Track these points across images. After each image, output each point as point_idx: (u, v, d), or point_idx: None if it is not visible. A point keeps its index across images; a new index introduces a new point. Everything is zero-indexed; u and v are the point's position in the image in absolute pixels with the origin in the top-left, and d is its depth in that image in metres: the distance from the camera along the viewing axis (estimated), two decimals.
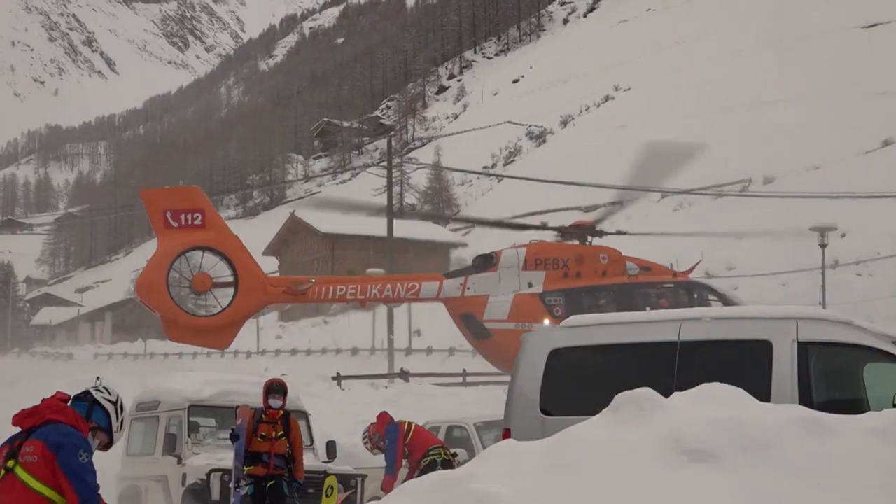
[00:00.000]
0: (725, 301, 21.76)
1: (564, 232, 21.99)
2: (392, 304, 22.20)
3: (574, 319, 12.62)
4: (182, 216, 19.33)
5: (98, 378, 7.18)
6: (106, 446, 6.83)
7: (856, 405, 9.13)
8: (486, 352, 21.69)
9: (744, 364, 10.02)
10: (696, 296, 21.79)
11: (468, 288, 20.76)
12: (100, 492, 6.39)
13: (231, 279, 19.70)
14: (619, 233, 23.45)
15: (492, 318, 20.53)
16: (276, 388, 14.84)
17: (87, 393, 6.76)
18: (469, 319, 20.70)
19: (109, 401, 6.80)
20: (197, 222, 19.20)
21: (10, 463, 6.22)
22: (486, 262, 20.99)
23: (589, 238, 21.83)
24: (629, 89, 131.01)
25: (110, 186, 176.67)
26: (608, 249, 21.16)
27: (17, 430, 6.49)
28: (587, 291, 20.10)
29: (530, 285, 20.26)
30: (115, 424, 6.78)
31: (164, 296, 19.33)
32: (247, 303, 20.02)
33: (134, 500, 19.16)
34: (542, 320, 19.45)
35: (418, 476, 12.89)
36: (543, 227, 22.37)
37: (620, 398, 7.97)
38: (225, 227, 20.76)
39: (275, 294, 21.24)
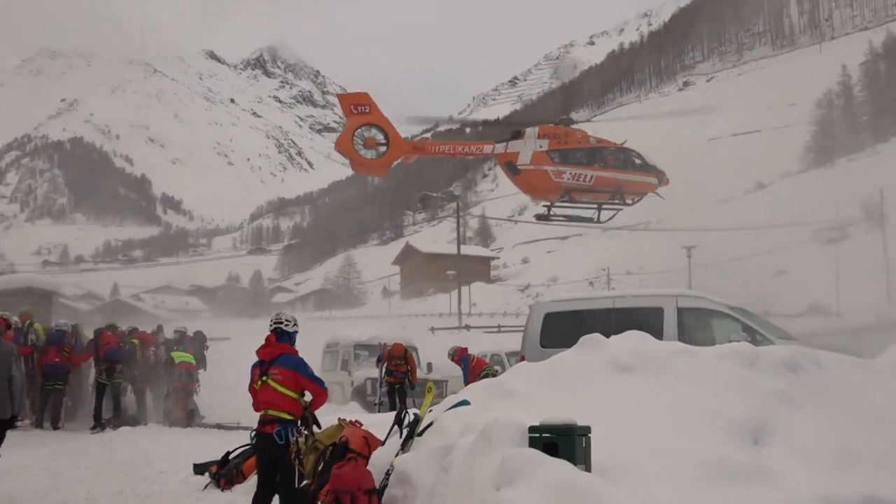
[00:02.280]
0: (644, 161, 26.90)
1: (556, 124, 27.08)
2: (469, 156, 27.30)
3: (557, 297, 19.94)
4: (359, 107, 25.23)
5: (278, 314, 10.31)
6: None
7: (707, 342, 12.60)
8: (518, 182, 26.71)
9: (649, 320, 14.16)
10: (629, 156, 26.77)
11: (507, 146, 26.12)
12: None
13: (384, 140, 25.01)
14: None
15: (521, 163, 25.84)
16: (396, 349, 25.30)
17: (278, 326, 9.89)
18: (509, 165, 26.24)
19: (288, 322, 9.99)
20: (366, 111, 25.06)
21: (265, 378, 9.53)
22: (518, 134, 26.18)
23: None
24: None
25: (312, 230, 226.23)
26: (580, 129, 26.27)
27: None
28: (569, 150, 25.76)
29: (541, 147, 25.57)
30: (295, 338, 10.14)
31: (350, 147, 24.99)
32: (393, 153, 25.44)
33: None
34: (546, 163, 25.78)
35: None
36: (539, 123, 27.00)
37: (583, 339, 11.59)
38: (381, 113, 25.70)
39: (408, 148, 26.27)
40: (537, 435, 8.82)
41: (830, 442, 9.12)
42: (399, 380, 26.78)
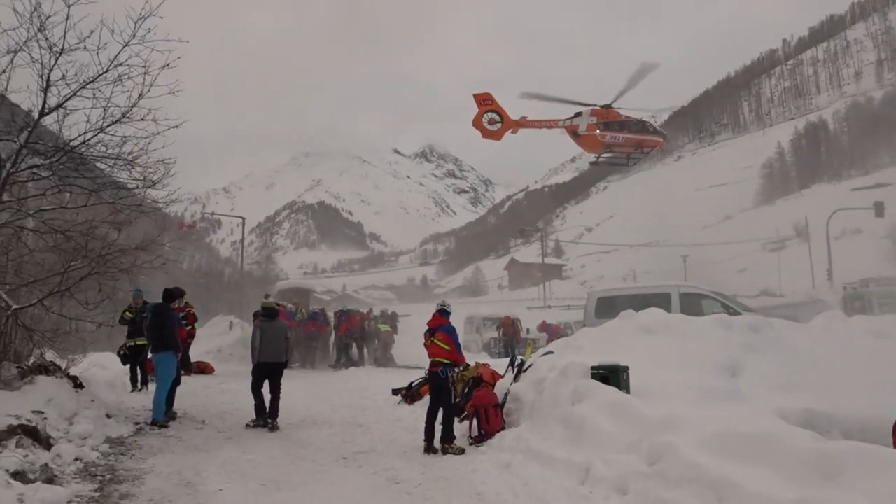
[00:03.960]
0: (654, 128, 25.92)
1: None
2: (550, 128, 26.15)
3: (604, 288, 19.72)
4: (484, 101, 24.75)
5: (441, 301, 10.25)
6: None
7: (699, 314, 12.49)
8: (578, 142, 25.97)
9: (661, 301, 13.62)
10: (645, 125, 25.68)
11: (572, 121, 25.24)
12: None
13: (499, 119, 24.42)
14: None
15: (580, 131, 25.05)
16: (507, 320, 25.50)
17: (442, 308, 9.91)
18: (573, 133, 25.34)
19: (447, 305, 10.00)
20: (488, 103, 24.64)
21: (432, 339, 9.63)
22: (577, 114, 25.22)
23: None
24: None
25: (455, 250, 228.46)
26: (615, 110, 25.13)
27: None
28: (609, 122, 24.84)
29: (592, 121, 24.72)
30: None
31: (480, 124, 24.42)
32: (505, 127, 24.84)
33: None
34: (595, 130, 24.79)
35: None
36: (589, 104, 25.95)
37: (622, 313, 11.55)
38: (497, 103, 25.35)
39: (513, 124, 25.22)
40: (596, 371, 8.87)
41: (781, 375, 8.94)
42: (510, 338, 26.68)
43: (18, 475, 6.02)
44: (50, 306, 9.64)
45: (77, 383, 9.99)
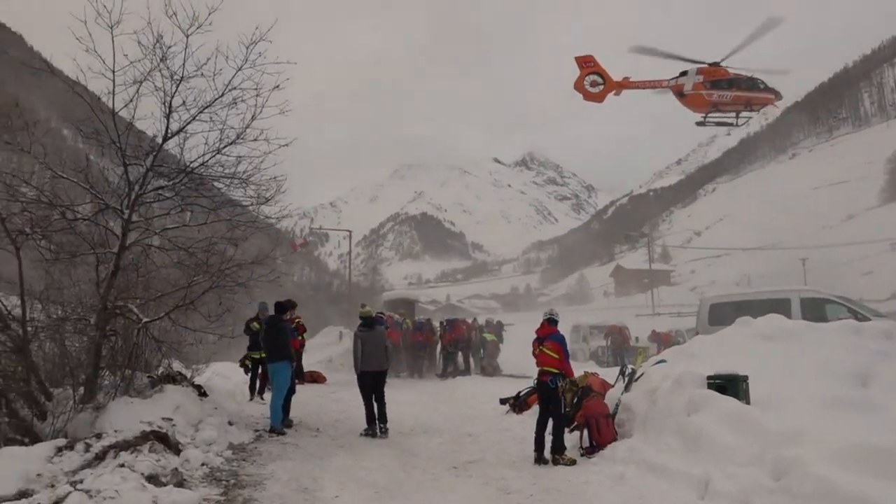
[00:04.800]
0: (765, 85, 23.95)
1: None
2: (654, 88, 24.68)
3: (718, 293, 18.28)
4: (586, 63, 23.88)
5: (550, 309, 10.03)
6: None
7: (822, 321, 11.47)
8: (684, 102, 24.40)
9: (781, 307, 12.72)
10: (755, 82, 23.77)
11: (677, 81, 23.88)
12: None
13: (601, 81, 23.52)
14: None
15: (686, 90, 23.66)
16: (613, 328, 21.79)
17: (550, 317, 9.69)
18: (678, 93, 23.91)
19: (555, 314, 9.74)
20: (591, 65, 23.88)
21: (541, 348, 9.47)
22: (683, 73, 23.78)
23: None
24: None
25: (558, 258, 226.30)
26: (723, 68, 23.52)
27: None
28: (716, 80, 23.26)
29: (698, 80, 23.30)
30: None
31: (582, 87, 23.46)
32: (607, 88, 23.87)
33: None
34: (701, 89, 23.35)
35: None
36: (700, 62, 24.20)
37: (739, 319, 10.99)
38: (599, 65, 24.45)
39: (615, 85, 23.57)
40: (712, 381, 8.53)
41: None
42: (618, 347, 26.10)
43: (152, 478, 6.40)
44: (175, 319, 10.20)
45: (201, 392, 10.54)
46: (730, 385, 8.28)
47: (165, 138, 10.20)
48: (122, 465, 6.44)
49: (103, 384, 9.53)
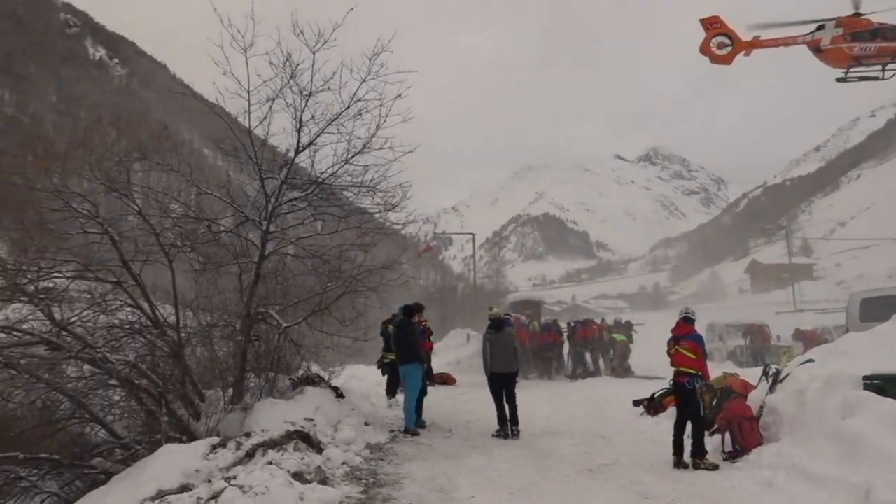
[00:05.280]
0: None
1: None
2: (786, 46, 22.47)
3: (871, 288, 16.92)
4: (712, 24, 22.00)
5: (685, 308, 9.53)
6: None
7: None
8: (821, 58, 22.03)
9: None
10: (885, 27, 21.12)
11: (814, 36, 21.67)
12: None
13: (730, 42, 21.84)
14: None
15: (823, 45, 21.43)
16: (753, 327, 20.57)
17: (686, 315, 9.23)
18: (814, 48, 21.66)
19: (692, 313, 9.32)
20: (717, 26, 22.22)
21: (677, 347, 9.08)
22: (820, 27, 21.61)
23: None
24: None
25: (688, 255, 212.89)
26: (865, 18, 21.03)
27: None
28: (857, 32, 20.87)
29: (837, 32, 21.03)
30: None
31: (708, 49, 21.96)
32: (736, 49, 22.24)
33: None
34: (841, 42, 21.19)
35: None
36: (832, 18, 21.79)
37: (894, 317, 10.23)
38: (727, 25, 22.75)
39: (745, 45, 22.20)
40: (869, 381, 7.92)
41: None
42: (758, 346, 24.76)
43: (297, 476, 6.72)
44: (312, 324, 10.65)
45: (338, 393, 10.96)
46: (889, 386, 7.65)
47: (297, 151, 10.70)
48: (270, 463, 6.80)
49: (249, 386, 10.12)
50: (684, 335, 9.19)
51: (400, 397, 12.58)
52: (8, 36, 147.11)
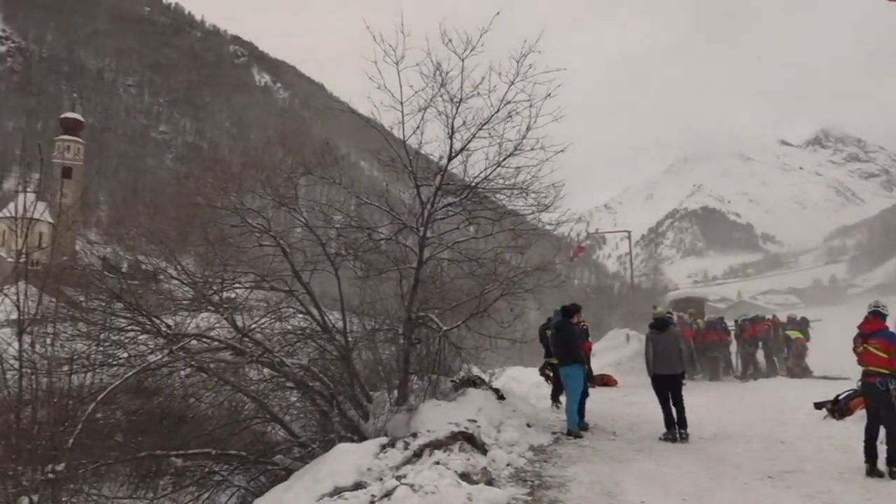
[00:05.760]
0: None
1: None
2: None
3: None
4: None
5: (875, 301, 8.79)
6: None
7: None
8: None
9: None
10: None
11: None
12: None
13: None
14: None
15: None
16: None
17: (876, 310, 8.44)
18: None
19: (884, 307, 8.46)
20: None
21: (865, 345, 8.32)
22: None
23: None
24: None
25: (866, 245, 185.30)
26: None
27: None
28: None
29: None
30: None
31: None
32: None
33: None
34: None
35: None
36: None
37: None
38: None
39: None
40: None
41: None
42: None
43: (464, 476, 6.81)
44: (471, 326, 10.81)
45: (500, 395, 11.03)
46: None
47: (450, 158, 10.90)
48: (437, 463, 6.96)
49: (413, 388, 10.42)
50: (874, 332, 8.35)
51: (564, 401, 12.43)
52: (187, 71, 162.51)
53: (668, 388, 10.68)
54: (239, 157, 14.05)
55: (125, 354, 9.09)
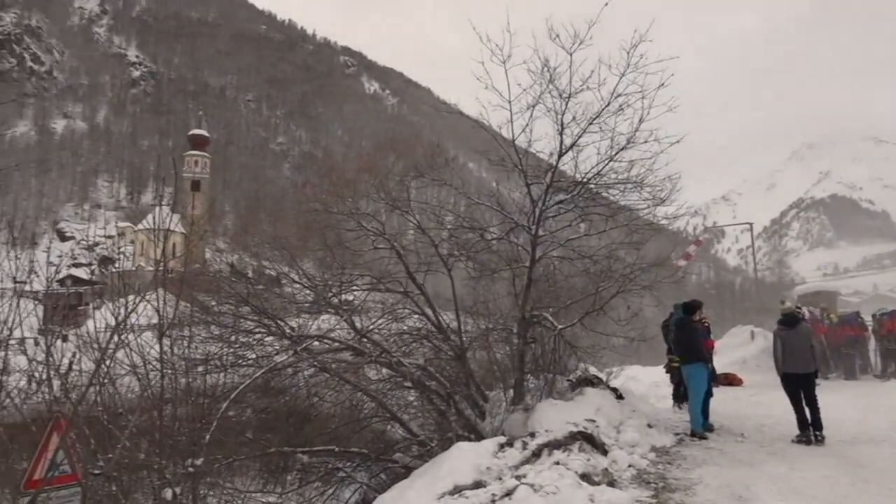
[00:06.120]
0: None
1: None
2: None
3: None
4: None
5: None
6: None
7: None
8: None
9: None
10: None
11: None
12: None
13: None
14: None
15: None
16: None
17: None
18: None
19: None
20: None
21: None
22: None
23: None
24: None
25: None
26: None
27: None
28: None
29: None
30: None
31: None
32: None
33: None
34: None
35: None
36: None
37: None
38: None
39: None
40: None
41: None
42: None
43: (585, 477, 6.69)
44: (587, 324, 10.60)
45: (618, 395, 10.77)
46: None
47: (560, 154, 10.73)
48: (556, 463, 6.87)
49: (529, 387, 10.35)
50: None
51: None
52: (301, 83, 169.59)
53: (799, 387, 10.08)
54: (352, 163, 14.49)
55: (253, 355, 9.55)
